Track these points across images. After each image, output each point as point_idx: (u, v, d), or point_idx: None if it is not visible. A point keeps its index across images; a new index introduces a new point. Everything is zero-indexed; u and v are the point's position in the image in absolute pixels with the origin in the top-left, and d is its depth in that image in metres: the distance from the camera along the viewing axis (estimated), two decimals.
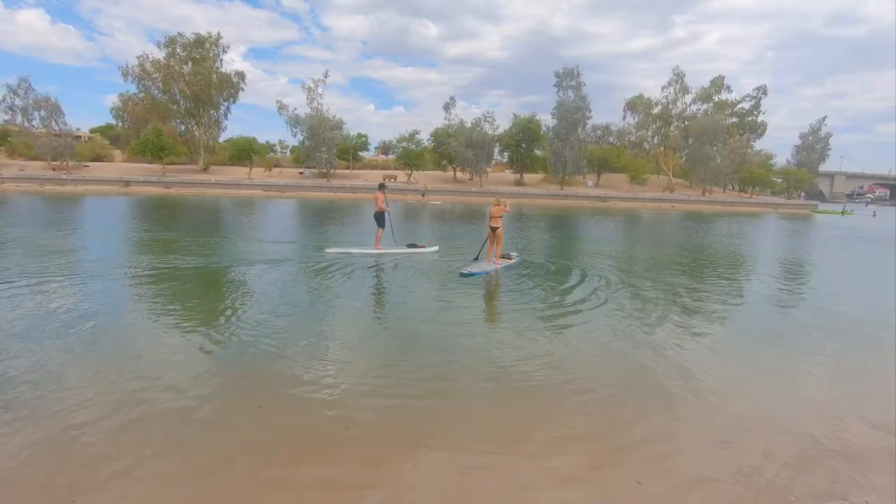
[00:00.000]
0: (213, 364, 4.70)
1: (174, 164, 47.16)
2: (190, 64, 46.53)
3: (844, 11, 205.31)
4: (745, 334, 6.52)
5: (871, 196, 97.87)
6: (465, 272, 9.23)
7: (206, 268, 9.24)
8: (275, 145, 72.92)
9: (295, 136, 49.88)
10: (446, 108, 51.74)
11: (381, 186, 11.90)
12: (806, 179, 63.71)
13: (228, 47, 48.68)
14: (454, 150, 47.81)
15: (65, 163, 44.05)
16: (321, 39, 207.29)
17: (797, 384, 4.83)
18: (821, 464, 3.39)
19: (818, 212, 51.15)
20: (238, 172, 46.85)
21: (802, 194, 67.25)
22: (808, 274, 12.35)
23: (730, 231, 23.72)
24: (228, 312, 6.40)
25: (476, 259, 10.36)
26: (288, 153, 65.95)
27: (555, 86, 50.79)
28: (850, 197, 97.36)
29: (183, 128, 50.05)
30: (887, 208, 68.86)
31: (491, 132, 49.18)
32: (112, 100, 70.42)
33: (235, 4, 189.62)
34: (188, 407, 3.83)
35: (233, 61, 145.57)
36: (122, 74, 46.48)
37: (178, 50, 46.55)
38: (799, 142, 69.10)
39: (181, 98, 47.75)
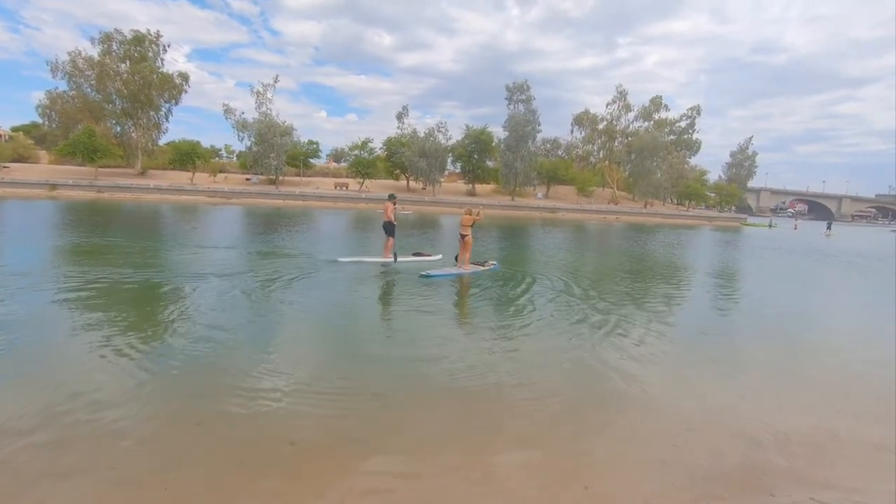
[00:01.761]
0: (148, 381, 4.40)
1: (108, 167, 44.08)
2: (128, 62, 43.95)
3: (768, 40, 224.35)
4: (687, 338, 6.84)
5: (793, 211, 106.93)
6: (425, 273, 9.83)
7: (141, 279, 8.67)
8: (220, 150, 70.00)
9: (242, 140, 48.17)
10: (399, 117, 51.79)
11: (391, 197, 12.14)
12: (736, 194, 68.49)
13: (169, 45, 46.43)
14: (407, 159, 47.83)
15: None
16: (271, 43, 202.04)
17: (736, 384, 5.11)
18: (755, 460, 3.60)
19: (747, 224, 55.11)
20: (180, 177, 44.48)
21: (733, 208, 72.18)
22: (742, 280, 13.22)
23: (670, 241, 25.04)
24: (166, 327, 6.04)
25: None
26: (234, 158, 63.50)
27: (506, 99, 52.18)
28: (774, 211, 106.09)
29: (119, 129, 46.99)
30: (806, 222, 75.65)
31: (444, 142, 49.58)
32: (39, 97, 65.15)
33: (180, 3, 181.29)
34: (121, 427, 3.56)
35: (176, 61, 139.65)
36: (51, 70, 43.14)
37: (115, 47, 43.89)
38: (729, 159, 74.38)
39: (117, 98, 44.87)
